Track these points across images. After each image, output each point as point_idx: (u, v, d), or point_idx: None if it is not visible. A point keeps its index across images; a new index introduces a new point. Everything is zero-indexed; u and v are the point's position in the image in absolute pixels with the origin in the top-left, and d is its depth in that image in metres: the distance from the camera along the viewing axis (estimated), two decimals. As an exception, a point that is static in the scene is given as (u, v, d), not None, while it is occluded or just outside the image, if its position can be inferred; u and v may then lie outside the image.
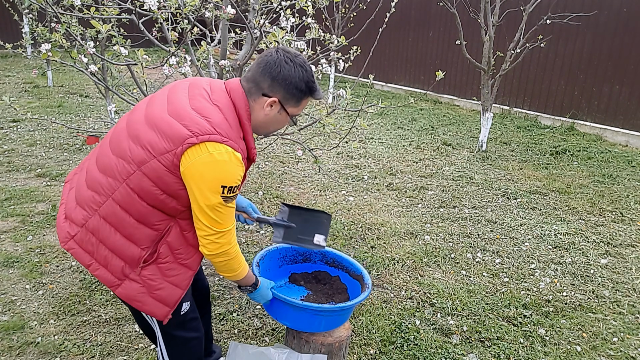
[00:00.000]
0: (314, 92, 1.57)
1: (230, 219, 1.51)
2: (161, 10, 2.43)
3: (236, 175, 1.45)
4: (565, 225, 3.99)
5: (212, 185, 1.41)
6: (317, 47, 3.15)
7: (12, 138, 5.58)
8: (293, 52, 1.54)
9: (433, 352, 2.48)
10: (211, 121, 1.43)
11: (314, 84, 1.56)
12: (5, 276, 2.98)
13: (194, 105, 1.47)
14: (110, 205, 1.50)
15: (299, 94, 1.54)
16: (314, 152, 3.20)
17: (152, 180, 1.44)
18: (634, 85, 6.45)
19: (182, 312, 1.67)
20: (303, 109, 1.62)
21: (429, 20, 8.97)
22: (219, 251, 1.52)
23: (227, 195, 1.44)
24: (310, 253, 2.27)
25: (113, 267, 1.53)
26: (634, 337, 2.68)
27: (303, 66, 1.53)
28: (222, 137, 1.41)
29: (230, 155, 1.42)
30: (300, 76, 1.52)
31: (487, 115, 5.79)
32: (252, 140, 1.56)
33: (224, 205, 1.45)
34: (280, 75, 1.50)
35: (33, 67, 10.02)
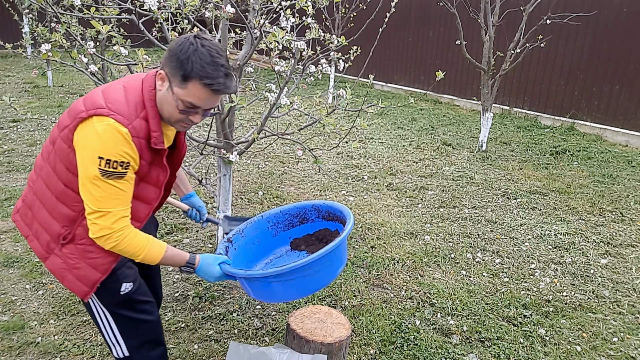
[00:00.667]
0: (201, 77, 1.40)
1: (111, 200, 1.45)
2: (161, 10, 2.43)
3: (116, 150, 1.41)
4: (565, 225, 3.99)
5: (90, 154, 1.41)
6: (317, 47, 3.15)
7: (12, 138, 5.58)
8: (207, 37, 1.44)
9: (433, 352, 2.48)
10: (106, 98, 1.45)
11: (203, 68, 1.40)
12: (5, 276, 2.98)
13: (105, 87, 1.52)
14: (40, 182, 1.60)
15: (180, 69, 1.41)
16: (314, 152, 3.20)
17: (60, 157, 1.51)
18: (634, 85, 6.45)
19: (122, 291, 1.66)
20: (199, 100, 1.45)
21: (429, 20, 8.97)
22: (100, 234, 1.47)
23: (105, 169, 1.41)
24: (305, 212, 2.07)
25: (42, 240, 1.60)
26: (634, 337, 2.68)
27: (199, 46, 1.40)
28: (108, 111, 1.42)
29: (112, 128, 1.41)
30: (186, 51, 1.40)
31: (487, 115, 5.79)
32: (154, 124, 1.49)
33: (101, 180, 1.42)
34: (170, 47, 1.45)
35: (33, 67, 10.02)
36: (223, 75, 1.43)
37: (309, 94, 7.49)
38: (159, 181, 1.63)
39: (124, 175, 1.45)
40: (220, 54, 1.44)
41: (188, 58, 1.40)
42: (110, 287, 1.63)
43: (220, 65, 1.42)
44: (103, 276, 1.58)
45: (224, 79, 1.44)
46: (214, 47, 1.43)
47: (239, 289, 2.96)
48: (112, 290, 1.64)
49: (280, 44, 2.60)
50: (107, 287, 1.63)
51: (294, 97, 3.04)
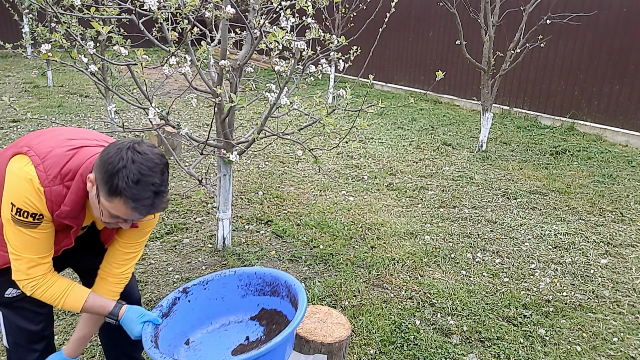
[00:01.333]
0: (127, 198, 1.29)
1: (23, 246, 1.42)
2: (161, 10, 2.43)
3: (23, 198, 1.36)
4: (565, 225, 3.99)
5: (7, 198, 1.39)
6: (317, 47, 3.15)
7: (12, 138, 5.58)
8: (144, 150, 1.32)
9: (433, 352, 2.48)
10: (51, 150, 1.41)
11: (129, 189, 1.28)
12: (5, 276, 2.98)
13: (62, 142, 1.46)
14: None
15: (107, 184, 1.30)
16: (314, 152, 3.20)
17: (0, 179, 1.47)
18: (634, 85, 6.45)
19: (5, 294, 1.63)
20: (125, 215, 1.35)
21: (429, 20, 8.97)
22: (17, 278, 1.46)
23: (15, 216, 1.37)
24: (278, 284, 1.84)
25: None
26: (634, 337, 2.68)
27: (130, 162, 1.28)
28: (37, 160, 1.38)
29: (27, 178, 1.36)
30: (116, 166, 1.28)
31: (487, 115, 5.79)
32: (71, 201, 1.42)
33: (14, 226, 1.39)
34: (103, 154, 1.34)
35: (33, 67, 10.02)
36: (152, 195, 1.32)
37: (309, 94, 7.49)
38: (60, 245, 1.57)
39: (35, 225, 1.41)
40: (154, 170, 1.31)
41: (116, 174, 1.28)
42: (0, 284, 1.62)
43: (150, 184, 1.31)
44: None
45: (152, 200, 1.32)
46: (147, 163, 1.30)
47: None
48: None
49: (280, 44, 2.60)
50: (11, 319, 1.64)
51: (294, 97, 3.04)
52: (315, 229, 3.76)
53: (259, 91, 3.51)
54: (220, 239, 3.35)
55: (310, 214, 4.02)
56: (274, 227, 3.72)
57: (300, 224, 3.83)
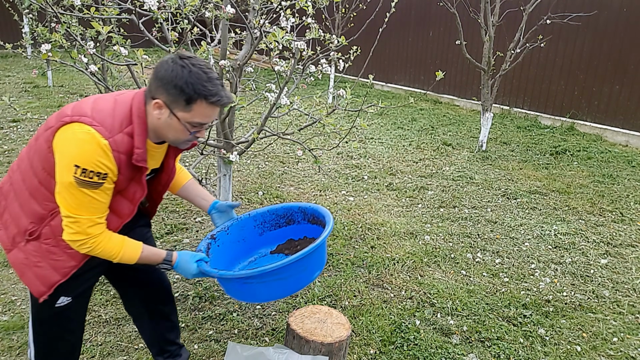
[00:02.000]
0: (206, 96, 1.43)
1: (86, 208, 1.45)
2: (161, 10, 2.43)
3: (93, 159, 1.40)
4: (565, 225, 3.99)
5: (67, 161, 1.41)
6: (317, 47, 3.15)
7: (12, 138, 5.58)
8: (189, 55, 1.46)
9: (433, 352, 2.48)
10: (94, 107, 1.45)
11: (205, 87, 1.42)
12: (5, 276, 2.98)
13: (99, 96, 1.53)
14: (17, 174, 1.60)
15: (181, 95, 1.42)
16: (314, 152, 3.20)
17: (38, 155, 1.51)
18: (634, 85, 6.45)
19: (57, 304, 1.63)
20: (205, 117, 1.49)
21: (429, 20, 8.97)
22: (74, 239, 1.48)
23: (80, 178, 1.40)
24: (291, 213, 2.03)
25: (9, 232, 1.59)
26: (634, 337, 2.68)
27: (191, 67, 1.41)
28: (91, 120, 1.41)
29: (92, 138, 1.40)
30: (182, 76, 1.41)
31: (487, 115, 5.79)
32: (139, 141, 1.48)
33: (76, 188, 1.41)
34: (159, 75, 1.44)
35: (33, 67, 10.02)
36: (221, 87, 1.46)
37: (309, 94, 7.49)
38: (134, 198, 1.61)
39: (99, 185, 1.44)
40: (209, 67, 1.46)
41: (186, 82, 1.41)
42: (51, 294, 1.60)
43: (216, 79, 1.45)
44: (62, 279, 1.57)
45: (224, 91, 1.47)
46: (203, 63, 1.44)
47: (239, 289, 2.96)
48: (48, 301, 1.61)
49: (280, 44, 2.60)
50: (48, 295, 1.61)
51: (294, 97, 3.04)
52: (315, 229, 3.75)
53: (259, 91, 3.51)
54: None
55: (310, 214, 4.02)
56: (274, 227, 3.72)
57: (300, 224, 3.82)
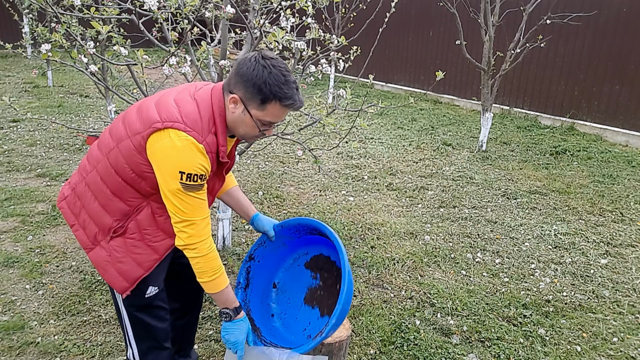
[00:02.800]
0: (281, 98, 1.47)
1: (197, 210, 1.51)
2: (161, 10, 2.43)
3: (195, 163, 1.45)
4: (565, 225, 3.99)
5: (170, 170, 1.45)
6: (317, 47, 3.15)
7: (12, 138, 5.58)
8: (271, 56, 1.49)
9: (433, 352, 2.48)
10: (181, 110, 1.48)
11: (281, 90, 1.46)
12: (5, 276, 2.98)
13: (177, 97, 1.54)
14: (94, 174, 1.62)
15: (258, 94, 1.47)
16: (314, 152, 3.20)
17: (124, 157, 1.53)
18: (634, 85, 6.45)
19: (146, 294, 1.68)
20: (276, 117, 1.53)
21: (429, 20, 8.97)
22: (188, 242, 1.52)
23: (186, 183, 1.45)
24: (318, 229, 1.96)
25: (89, 231, 1.63)
26: (634, 337, 2.68)
27: (271, 68, 1.46)
28: (184, 126, 1.45)
29: (190, 143, 1.44)
30: (262, 76, 1.45)
31: (487, 115, 5.79)
32: (222, 138, 1.54)
33: (184, 193, 1.47)
34: (241, 71, 1.48)
35: (33, 67, 10.02)
36: (296, 91, 1.50)
37: (309, 94, 7.49)
38: (214, 189, 1.68)
39: (202, 186, 1.51)
40: (288, 70, 1.50)
41: (265, 82, 1.45)
42: (141, 287, 1.66)
43: (292, 82, 1.49)
44: (145, 273, 1.62)
45: (298, 95, 1.51)
46: (282, 65, 1.48)
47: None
48: (138, 292, 1.66)
49: (280, 44, 2.60)
50: (137, 288, 1.65)
51: (294, 97, 3.03)
52: (315, 229, 3.75)
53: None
54: (220, 239, 3.35)
55: (310, 214, 4.02)
56: (274, 227, 3.72)
57: (300, 224, 3.82)
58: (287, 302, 2.04)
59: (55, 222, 3.67)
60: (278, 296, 2.05)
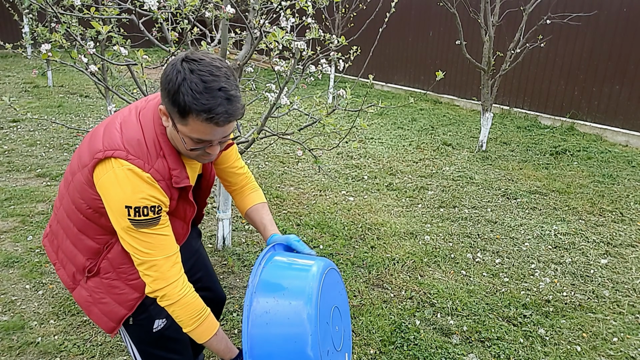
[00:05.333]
0: (198, 111, 1.17)
1: (158, 248, 1.32)
2: (161, 10, 2.43)
3: (140, 195, 1.26)
4: (565, 225, 3.98)
5: (116, 206, 1.28)
6: (317, 47, 3.15)
7: (12, 138, 5.58)
8: (197, 57, 1.20)
9: (433, 352, 2.48)
10: (123, 135, 1.30)
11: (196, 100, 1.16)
12: (5, 276, 2.98)
13: (124, 119, 1.37)
14: (62, 211, 1.50)
15: (174, 106, 1.20)
16: (314, 152, 3.20)
17: (79, 192, 1.39)
18: (634, 85, 6.45)
19: (154, 329, 1.55)
20: (205, 134, 1.23)
21: (429, 20, 8.97)
22: (154, 287, 1.33)
23: (135, 219, 1.27)
24: None
25: (68, 271, 1.51)
26: (634, 337, 2.68)
27: (187, 73, 1.17)
28: (126, 154, 1.27)
29: (132, 174, 1.26)
30: (175, 83, 1.17)
31: (487, 115, 5.79)
32: (172, 160, 1.33)
33: (137, 231, 1.29)
34: (161, 78, 1.23)
35: (33, 67, 10.02)
36: (224, 101, 1.18)
37: (309, 94, 7.49)
38: (186, 216, 1.50)
39: (158, 220, 1.31)
40: (216, 74, 1.19)
41: (178, 90, 1.17)
42: (142, 323, 1.54)
43: (217, 90, 1.17)
44: (129, 313, 1.48)
45: (226, 106, 1.19)
46: (206, 69, 1.18)
47: (239, 289, 2.96)
48: (143, 327, 1.54)
49: (280, 44, 2.60)
50: (139, 324, 1.54)
51: (294, 97, 3.04)
52: (315, 229, 3.76)
53: (259, 91, 3.51)
54: (220, 239, 3.35)
55: (310, 214, 4.02)
56: (274, 227, 3.72)
57: (300, 224, 3.83)
58: None
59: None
60: None
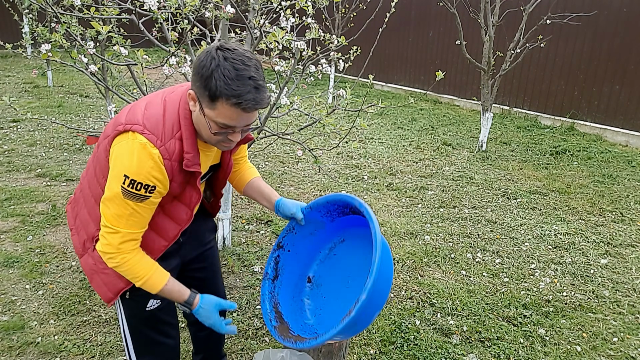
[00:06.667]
0: (228, 96, 1.25)
1: (125, 220, 1.39)
2: (161, 10, 2.43)
3: (143, 171, 1.33)
4: (565, 225, 3.98)
5: (117, 171, 1.35)
6: (317, 47, 3.15)
7: (12, 138, 5.58)
8: (231, 47, 1.29)
9: (433, 352, 2.48)
10: (145, 113, 1.38)
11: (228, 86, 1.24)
12: (5, 276, 2.98)
13: (150, 99, 1.45)
14: (85, 181, 1.59)
15: (205, 90, 1.27)
16: (314, 152, 3.20)
17: (99, 164, 1.46)
18: (634, 85, 6.45)
19: (148, 307, 1.61)
20: (230, 119, 1.30)
21: (429, 20, 8.97)
22: (104, 250, 1.41)
23: (127, 189, 1.33)
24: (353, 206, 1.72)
25: (80, 237, 1.58)
26: (634, 337, 2.68)
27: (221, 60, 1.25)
28: (142, 129, 1.35)
29: (144, 148, 1.33)
30: (209, 68, 1.25)
31: (487, 115, 5.79)
32: (189, 145, 1.39)
33: (121, 199, 1.35)
34: (194, 64, 1.31)
35: (33, 67, 10.02)
36: (252, 89, 1.26)
37: (309, 94, 7.49)
38: (191, 202, 1.54)
39: (145, 198, 1.37)
40: (247, 64, 1.27)
41: (211, 75, 1.25)
42: (137, 300, 1.59)
43: (248, 79, 1.26)
44: (126, 287, 1.53)
45: (254, 94, 1.27)
46: (239, 58, 1.26)
47: (239, 289, 2.96)
48: (138, 304, 1.60)
49: (280, 44, 2.60)
50: (135, 300, 1.58)
51: (294, 97, 3.04)
52: (315, 229, 3.75)
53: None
54: (220, 239, 3.35)
55: (310, 214, 4.02)
56: (274, 227, 3.72)
57: (300, 224, 3.82)
58: (322, 297, 1.83)
59: (55, 222, 3.67)
60: (313, 291, 1.85)
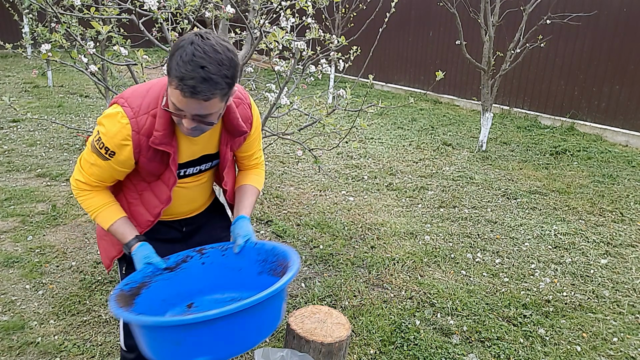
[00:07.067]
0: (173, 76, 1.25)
1: (87, 168, 1.54)
2: (161, 10, 2.43)
3: (109, 134, 1.44)
4: (565, 225, 3.99)
5: (96, 128, 1.51)
6: (317, 47, 3.15)
7: (12, 138, 5.58)
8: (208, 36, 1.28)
9: (433, 352, 2.48)
10: (136, 89, 1.50)
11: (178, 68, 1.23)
12: (5, 276, 2.98)
13: (153, 80, 1.57)
14: None
15: (168, 66, 1.29)
16: (314, 152, 3.20)
17: None
18: (634, 85, 6.45)
19: None
20: (177, 102, 1.29)
21: (429, 20, 8.97)
22: (72, 182, 1.60)
23: (95, 144, 1.48)
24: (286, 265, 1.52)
25: None
26: (634, 337, 2.68)
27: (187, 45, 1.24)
28: (124, 101, 1.46)
29: (116, 115, 1.44)
30: (173, 48, 1.27)
31: (487, 115, 5.79)
32: (161, 123, 1.43)
33: (89, 149, 1.51)
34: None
35: (33, 67, 10.02)
36: (199, 77, 1.23)
37: (309, 94, 7.49)
38: (169, 183, 1.59)
39: (105, 159, 1.49)
40: (209, 54, 1.24)
41: (174, 54, 1.26)
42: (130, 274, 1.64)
43: (200, 67, 1.23)
44: (117, 255, 1.68)
45: (196, 82, 1.23)
46: (204, 47, 1.24)
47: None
48: None
49: (280, 44, 2.60)
50: (127, 273, 1.64)
51: (294, 97, 3.04)
52: (315, 229, 3.76)
53: (259, 91, 3.51)
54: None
55: (310, 214, 4.02)
56: (274, 227, 3.72)
57: (300, 224, 3.83)
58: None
59: (55, 222, 3.68)
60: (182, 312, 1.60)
